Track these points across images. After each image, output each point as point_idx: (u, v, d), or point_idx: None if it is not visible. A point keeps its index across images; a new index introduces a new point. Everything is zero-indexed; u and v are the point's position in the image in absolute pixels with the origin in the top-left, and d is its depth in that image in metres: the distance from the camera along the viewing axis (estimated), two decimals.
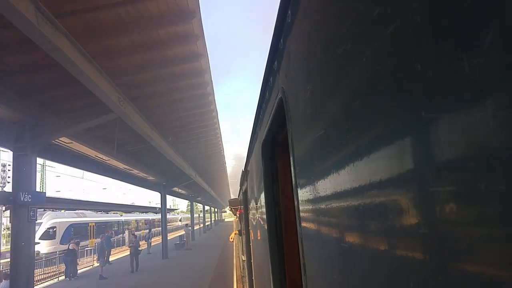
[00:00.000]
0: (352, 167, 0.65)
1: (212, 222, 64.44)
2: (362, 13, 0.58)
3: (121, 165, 13.37)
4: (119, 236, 38.52)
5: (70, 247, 14.95)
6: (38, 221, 25.64)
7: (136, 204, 63.26)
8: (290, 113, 1.17)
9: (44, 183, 63.83)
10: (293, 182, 1.15)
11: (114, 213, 43.66)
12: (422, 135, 0.42)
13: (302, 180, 1.06)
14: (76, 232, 28.88)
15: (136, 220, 46.09)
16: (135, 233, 22.03)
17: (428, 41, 0.40)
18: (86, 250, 21.91)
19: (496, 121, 0.31)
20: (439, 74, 0.39)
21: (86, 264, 20.19)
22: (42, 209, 26.79)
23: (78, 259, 15.72)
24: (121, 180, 16.95)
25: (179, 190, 26.85)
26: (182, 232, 27.44)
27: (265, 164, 2.13)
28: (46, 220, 25.76)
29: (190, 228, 26.88)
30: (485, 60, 0.32)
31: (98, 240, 29.78)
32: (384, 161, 0.52)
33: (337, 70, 0.71)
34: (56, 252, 23.55)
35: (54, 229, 25.94)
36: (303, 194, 1.05)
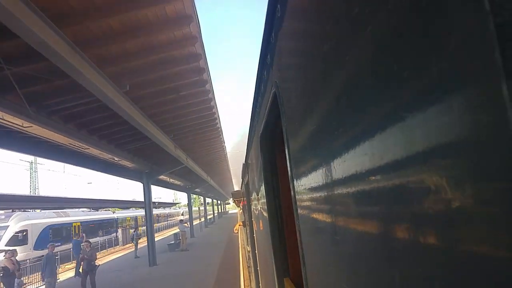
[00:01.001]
0: (344, 160, 0.66)
1: (215, 215, 60.71)
2: (352, 7, 0.58)
3: (64, 140, 8.85)
4: (111, 235, 34.84)
5: (2, 265, 10.33)
6: (2, 224, 21.91)
7: (137, 199, 59.51)
8: (284, 107, 1.18)
9: (35, 182, 59.81)
10: (289, 175, 1.19)
11: (105, 210, 39.81)
12: (415, 127, 0.42)
13: (298, 173, 1.08)
14: (55, 234, 24.75)
15: (132, 217, 42.22)
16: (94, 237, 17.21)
17: (411, 37, 0.42)
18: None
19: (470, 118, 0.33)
20: (425, 69, 0.39)
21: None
22: (11, 210, 22.73)
23: (19, 278, 10.84)
24: (83, 166, 12.50)
25: (172, 180, 22.50)
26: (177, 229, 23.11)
27: (263, 157, 2.16)
28: (14, 223, 21.43)
29: (186, 225, 22.38)
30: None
31: (82, 243, 25.93)
32: (379, 153, 0.52)
33: (328, 64, 0.71)
34: (27, 260, 19.54)
35: (25, 233, 21.69)
36: (299, 186, 1.08)
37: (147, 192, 15.61)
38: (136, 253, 19.25)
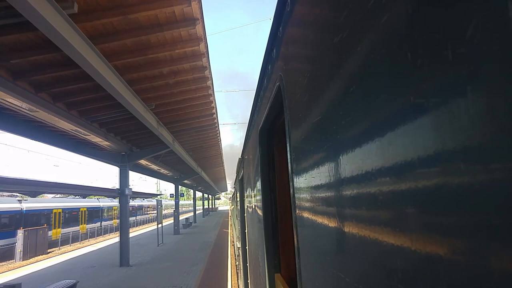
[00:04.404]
0: (348, 156, 0.65)
1: (198, 212, 45.63)
2: (360, 2, 0.58)
3: None
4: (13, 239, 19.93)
5: None
6: None
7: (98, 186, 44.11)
8: (287, 100, 1.17)
9: None
10: (289, 169, 1.16)
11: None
12: (421, 124, 0.42)
13: (298, 167, 1.06)
14: None
15: (65, 209, 27.09)
16: None
17: (422, 30, 0.41)
18: None
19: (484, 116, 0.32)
20: (435, 62, 0.39)
21: None
22: None
23: None
24: None
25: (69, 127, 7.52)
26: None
27: (262, 151, 2.12)
28: None
29: None
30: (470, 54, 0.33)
31: None
32: (381, 150, 0.52)
33: (335, 59, 0.71)
34: None
35: None
36: (298, 180, 1.06)
37: None
38: None
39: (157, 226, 18.59)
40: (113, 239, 27.77)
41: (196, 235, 24.75)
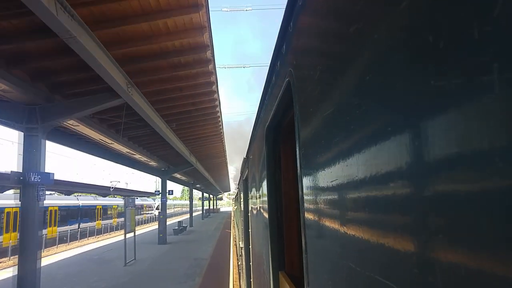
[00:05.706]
0: (361, 151, 0.63)
1: (197, 214, 39.77)
2: None
3: None
4: None
5: None
6: None
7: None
8: (297, 95, 1.17)
9: None
10: (298, 165, 1.14)
11: None
12: (437, 120, 0.40)
13: (308, 163, 1.04)
14: None
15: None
16: None
17: (442, 18, 0.39)
18: None
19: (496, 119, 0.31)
20: (455, 51, 0.37)
21: None
22: None
23: None
24: None
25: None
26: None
27: (268, 149, 2.13)
28: None
29: None
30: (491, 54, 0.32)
31: None
32: (397, 148, 0.50)
33: (348, 52, 0.70)
34: None
35: None
36: (307, 177, 1.05)
37: None
38: None
39: (124, 236, 12.47)
40: (90, 244, 22.78)
41: (189, 245, 18.75)
